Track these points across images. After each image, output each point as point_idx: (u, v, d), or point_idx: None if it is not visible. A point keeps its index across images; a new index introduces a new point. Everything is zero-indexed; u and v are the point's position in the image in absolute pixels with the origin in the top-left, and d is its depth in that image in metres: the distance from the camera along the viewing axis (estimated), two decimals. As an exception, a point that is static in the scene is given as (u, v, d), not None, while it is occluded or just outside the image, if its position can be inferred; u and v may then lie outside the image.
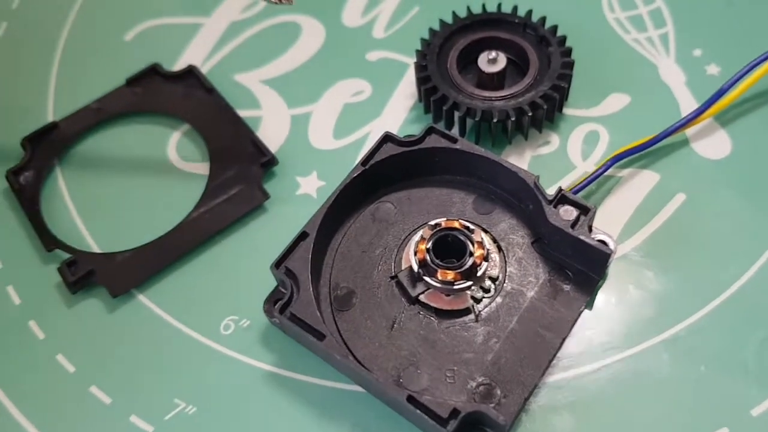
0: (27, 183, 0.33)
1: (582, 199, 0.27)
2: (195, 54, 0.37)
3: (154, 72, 0.36)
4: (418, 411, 0.24)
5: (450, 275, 0.27)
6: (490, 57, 0.32)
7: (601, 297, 0.28)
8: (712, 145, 0.31)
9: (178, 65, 0.37)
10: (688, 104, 0.33)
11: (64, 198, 0.33)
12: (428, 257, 0.27)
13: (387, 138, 0.30)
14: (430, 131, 0.29)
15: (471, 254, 0.27)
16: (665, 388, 0.26)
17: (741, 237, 0.29)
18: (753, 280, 0.28)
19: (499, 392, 0.26)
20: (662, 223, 0.30)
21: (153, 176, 0.34)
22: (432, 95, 0.31)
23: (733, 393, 0.26)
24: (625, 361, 0.27)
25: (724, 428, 0.25)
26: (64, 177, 0.34)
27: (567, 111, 0.33)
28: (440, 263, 0.27)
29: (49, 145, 0.34)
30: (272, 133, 0.34)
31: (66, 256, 0.31)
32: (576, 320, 0.27)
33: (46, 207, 0.33)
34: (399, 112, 0.34)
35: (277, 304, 0.27)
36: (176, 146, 0.34)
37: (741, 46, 0.34)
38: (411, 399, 0.24)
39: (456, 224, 0.27)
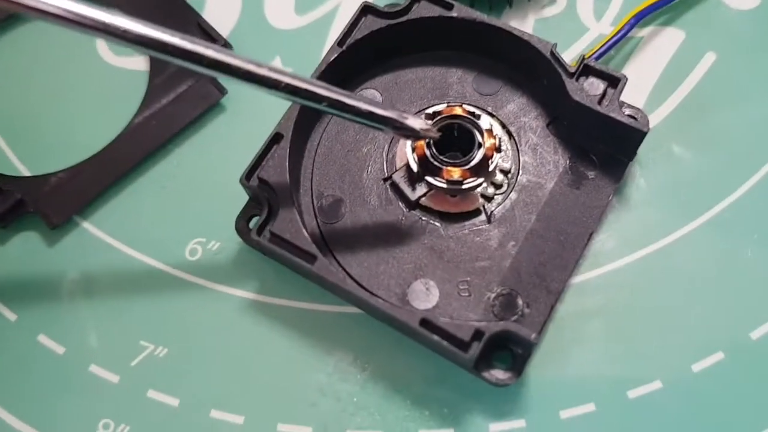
0: (-74, 97, 0.27)
1: (610, 68, 0.23)
2: None
3: (65, -53, 0.29)
4: (435, 336, 0.20)
5: (456, 173, 0.22)
6: None
7: (631, 182, 0.24)
8: (741, -7, 0.27)
9: (95, -63, 0.30)
10: (710, -53, 0.28)
11: (-26, 113, 0.28)
12: (429, 153, 0.22)
13: (366, 9, 0.25)
14: (417, -3, 0.24)
15: (480, 146, 0.22)
16: (706, 278, 0.23)
17: (783, 98, 0.25)
18: (799, 147, 0.25)
19: (521, 302, 0.22)
20: (692, 89, 0.26)
21: (82, 77, 0.28)
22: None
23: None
24: (662, 251, 0.24)
25: (775, 320, 0.22)
26: (-29, 87, 0.28)
27: (573, -38, 0.28)
28: (444, 159, 0.22)
29: (-54, 49, 0.28)
30: (220, 13, 0.29)
31: (-12, 183, 0.26)
32: (604, 211, 0.23)
33: (-46, 126, 0.27)
34: (373, -21, 0.29)
35: (252, 221, 0.23)
36: (105, 39, 0.28)
37: None
38: (425, 322, 0.21)
39: (459, 110, 0.23)
